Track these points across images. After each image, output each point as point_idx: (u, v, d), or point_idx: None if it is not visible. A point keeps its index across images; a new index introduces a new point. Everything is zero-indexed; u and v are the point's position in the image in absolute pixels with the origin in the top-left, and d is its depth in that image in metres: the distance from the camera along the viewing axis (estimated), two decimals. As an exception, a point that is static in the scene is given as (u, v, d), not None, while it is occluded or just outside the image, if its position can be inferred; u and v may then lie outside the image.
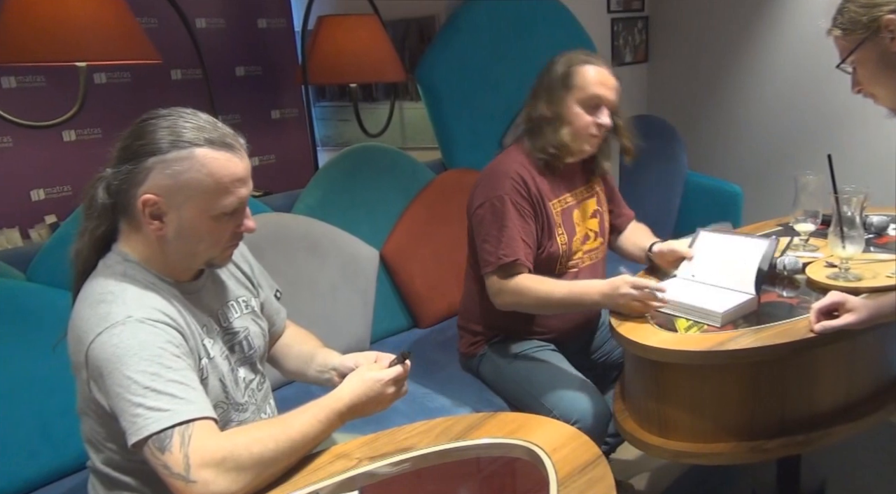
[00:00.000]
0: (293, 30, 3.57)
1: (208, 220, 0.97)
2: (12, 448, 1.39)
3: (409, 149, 2.65)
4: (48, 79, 2.72)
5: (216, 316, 1.09)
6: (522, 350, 1.65)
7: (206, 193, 0.95)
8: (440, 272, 2.20)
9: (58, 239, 1.60)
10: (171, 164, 0.94)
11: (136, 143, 0.95)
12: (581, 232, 1.67)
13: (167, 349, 0.91)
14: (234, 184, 0.97)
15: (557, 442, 0.98)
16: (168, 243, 0.98)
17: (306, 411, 0.98)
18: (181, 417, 0.87)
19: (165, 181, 0.94)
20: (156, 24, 2.88)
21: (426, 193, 2.29)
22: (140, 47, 1.65)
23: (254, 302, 1.19)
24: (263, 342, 1.18)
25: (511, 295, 1.52)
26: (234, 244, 1.05)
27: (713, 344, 1.23)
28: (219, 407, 1.03)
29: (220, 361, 1.05)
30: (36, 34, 1.49)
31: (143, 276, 0.99)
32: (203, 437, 0.88)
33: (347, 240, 2.02)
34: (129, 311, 0.92)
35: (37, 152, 2.78)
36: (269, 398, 1.20)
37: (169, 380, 0.89)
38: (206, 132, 0.96)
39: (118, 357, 0.88)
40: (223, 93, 2.87)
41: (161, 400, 0.87)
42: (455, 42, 2.49)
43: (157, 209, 0.95)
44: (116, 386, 0.88)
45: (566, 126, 1.56)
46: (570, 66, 1.55)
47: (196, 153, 0.94)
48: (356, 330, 1.99)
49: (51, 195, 2.84)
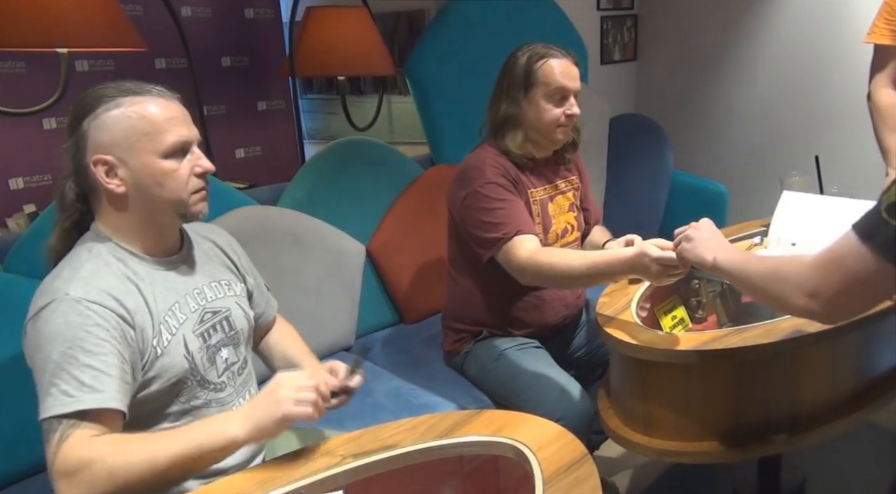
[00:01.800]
0: (281, 20, 3.53)
1: (158, 161, 0.99)
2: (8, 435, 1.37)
3: (396, 144, 2.63)
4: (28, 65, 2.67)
5: (193, 294, 1.09)
6: (506, 347, 1.65)
7: (145, 135, 0.98)
8: (427, 267, 2.19)
9: (36, 228, 1.57)
10: (103, 120, 0.98)
11: (71, 117, 1.00)
12: (559, 224, 1.67)
13: (92, 332, 0.93)
14: (168, 121, 0.99)
15: (543, 441, 0.97)
16: (131, 200, 1.00)
17: (188, 431, 0.94)
18: (79, 406, 0.89)
19: (104, 136, 0.98)
20: (141, 11, 2.84)
21: (414, 188, 2.28)
22: (124, 34, 1.62)
23: (238, 287, 1.19)
24: (247, 325, 1.18)
25: (531, 273, 1.46)
26: (201, 189, 1.04)
27: (698, 344, 1.24)
28: (182, 383, 1.04)
29: (191, 338, 1.06)
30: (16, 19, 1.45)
31: (110, 252, 1.01)
32: (77, 441, 0.89)
33: (333, 234, 2.00)
34: (68, 289, 0.94)
35: (16, 140, 2.73)
36: (251, 383, 1.20)
37: (83, 365, 0.91)
38: (132, 86, 1.00)
39: (45, 335, 0.92)
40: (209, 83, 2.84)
41: (71, 384, 0.90)
42: (445, 37, 2.48)
43: (109, 166, 0.98)
44: (38, 362, 0.92)
45: (523, 127, 1.57)
46: (532, 63, 1.55)
47: (122, 101, 0.98)
48: (341, 325, 1.98)
49: (30, 184, 2.79)
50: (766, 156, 3.08)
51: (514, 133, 1.58)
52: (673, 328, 1.42)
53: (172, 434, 0.94)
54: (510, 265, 1.50)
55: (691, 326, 1.45)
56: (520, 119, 1.57)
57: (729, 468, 1.87)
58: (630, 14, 3.31)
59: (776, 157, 3.03)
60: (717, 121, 3.20)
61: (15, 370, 1.40)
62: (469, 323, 1.70)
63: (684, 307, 1.53)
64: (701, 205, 2.78)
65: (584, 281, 1.50)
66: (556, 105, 1.55)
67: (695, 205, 2.80)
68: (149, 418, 1.03)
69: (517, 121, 1.57)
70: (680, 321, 1.42)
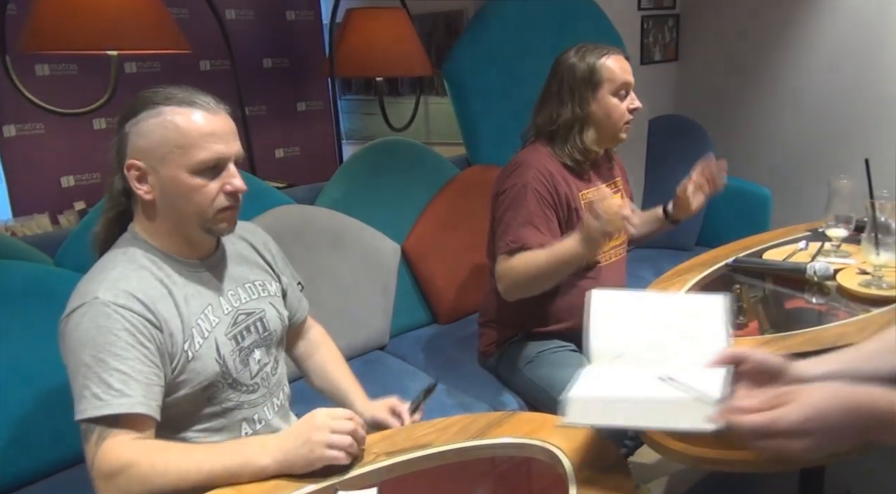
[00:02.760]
0: (321, 22, 3.58)
1: (187, 176, 0.99)
2: (38, 430, 1.42)
3: (433, 144, 2.64)
4: (80, 67, 2.76)
5: (227, 296, 1.10)
6: (541, 350, 1.64)
7: (178, 148, 0.97)
8: (461, 268, 2.19)
9: (85, 225, 1.62)
10: (142, 126, 0.98)
11: (120, 116, 1.01)
12: None
13: (121, 336, 0.94)
14: (204, 137, 0.98)
15: (577, 444, 0.96)
16: (159, 208, 1.02)
17: (222, 452, 0.94)
18: (107, 410, 0.91)
19: (141, 142, 0.99)
20: (186, 14, 2.91)
21: (449, 189, 2.28)
22: (171, 37, 1.67)
23: (273, 286, 1.20)
24: (281, 326, 1.19)
25: (505, 278, 1.51)
26: (230, 208, 1.03)
27: (739, 350, 1.21)
28: (213, 386, 1.05)
29: (223, 341, 1.06)
30: (69, 22, 1.51)
31: (144, 254, 1.02)
32: (115, 443, 0.92)
33: (369, 233, 2.02)
34: (98, 292, 0.96)
35: (68, 139, 2.82)
36: (284, 384, 1.21)
37: (111, 369, 0.93)
38: (177, 95, 1.00)
39: (77, 339, 0.94)
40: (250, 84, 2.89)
41: (100, 387, 0.92)
42: (483, 37, 2.47)
43: (141, 173, 0.99)
44: (72, 364, 0.95)
45: (591, 126, 1.57)
46: (594, 61, 1.55)
47: (163, 110, 0.98)
48: (376, 323, 2.00)
49: (80, 182, 2.88)
50: (811, 158, 2.99)
51: (585, 133, 1.58)
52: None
53: (206, 451, 0.96)
54: (496, 273, 1.53)
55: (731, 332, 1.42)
56: (590, 118, 1.57)
57: (769, 478, 1.82)
58: (672, 14, 3.25)
59: (822, 160, 2.94)
60: (761, 123, 3.12)
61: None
62: (505, 324, 1.70)
63: (724, 312, 1.49)
64: (743, 208, 2.72)
65: (551, 272, 1.46)
66: (622, 100, 1.57)
67: (737, 208, 2.73)
68: (181, 420, 1.05)
69: (587, 121, 1.57)
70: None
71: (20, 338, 1.42)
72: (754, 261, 1.66)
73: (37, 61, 2.67)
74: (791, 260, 1.61)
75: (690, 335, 0.92)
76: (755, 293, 1.56)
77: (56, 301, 1.49)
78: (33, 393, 1.41)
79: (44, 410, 1.43)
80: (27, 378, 1.41)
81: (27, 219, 2.59)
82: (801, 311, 1.38)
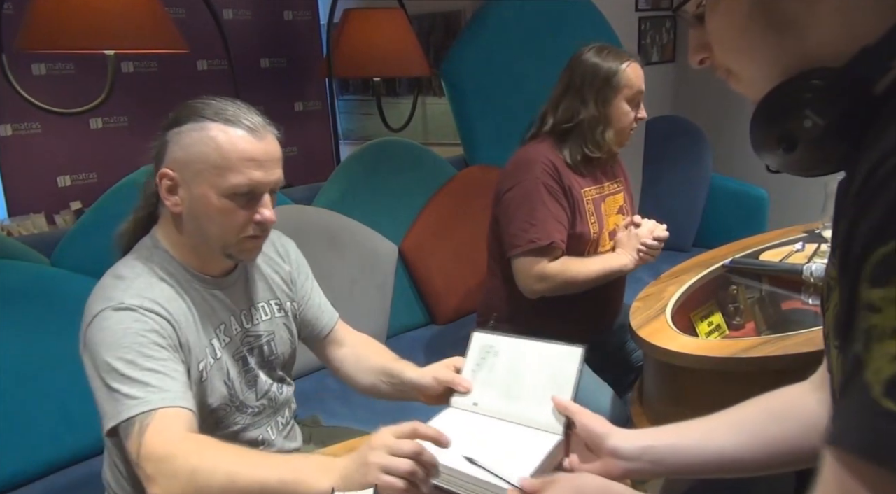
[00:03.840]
0: (319, 22, 3.57)
1: (217, 199, 0.94)
2: (34, 430, 1.41)
3: (431, 145, 2.64)
4: (77, 66, 2.76)
5: (239, 317, 1.07)
6: None
7: (214, 168, 0.93)
8: (459, 268, 2.19)
9: (82, 225, 1.62)
10: (184, 137, 0.94)
11: (166, 121, 0.97)
12: (610, 224, 1.66)
13: (150, 337, 0.91)
14: (243, 162, 0.93)
15: (574, 445, 0.96)
16: (184, 222, 0.98)
17: (279, 463, 0.84)
18: (146, 406, 0.87)
19: (179, 153, 0.95)
20: (184, 14, 2.90)
21: (447, 189, 2.28)
22: (168, 37, 1.66)
23: (289, 305, 1.15)
24: (290, 348, 1.15)
25: (551, 280, 1.53)
26: (255, 237, 1.00)
27: (736, 351, 1.21)
28: (221, 409, 1.03)
29: (230, 363, 1.04)
30: (66, 22, 1.50)
31: (165, 266, 0.99)
32: (158, 428, 0.85)
33: (367, 234, 2.02)
34: (124, 298, 0.92)
35: (64, 139, 2.82)
36: (291, 402, 1.17)
37: (145, 369, 0.89)
38: (228, 113, 0.95)
39: (104, 341, 0.90)
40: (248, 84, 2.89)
41: (135, 388, 0.87)
42: (481, 38, 2.47)
43: (173, 184, 0.95)
44: (100, 370, 0.89)
45: (611, 127, 1.58)
46: (616, 68, 1.56)
47: (208, 126, 0.93)
48: (373, 324, 1.99)
49: (77, 181, 2.87)
50: (809, 159, 2.99)
51: (596, 134, 1.58)
52: (709, 334, 1.39)
53: (262, 459, 0.86)
54: (529, 272, 1.52)
55: (728, 333, 1.43)
56: (603, 121, 1.57)
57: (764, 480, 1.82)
58: (669, 15, 3.26)
59: (820, 161, 2.94)
60: (758, 124, 3.12)
61: (63, 363, 1.45)
62: (507, 321, 1.69)
63: (721, 313, 1.50)
64: (740, 209, 2.73)
65: (596, 282, 1.56)
66: (633, 109, 1.58)
67: (734, 209, 2.74)
68: None
69: (601, 123, 1.57)
70: (716, 327, 1.39)
71: (16, 338, 1.42)
72: (751, 263, 1.66)
73: (33, 60, 2.66)
74: (788, 262, 1.62)
75: (541, 385, 0.94)
76: (752, 294, 1.56)
77: (52, 301, 1.50)
78: (29, 393, 1.41)
79: (40, 410, 1.42)
80: (23, 378, 1.41)
81: (23, 218, 2.58)
82: (798, 312, 1.39)
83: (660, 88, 3.32)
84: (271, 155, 0.97)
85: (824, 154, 0.55)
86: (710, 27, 0.61)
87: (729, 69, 0.63)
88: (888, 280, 0.42)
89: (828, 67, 0.53)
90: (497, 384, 0.98)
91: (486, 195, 1.65)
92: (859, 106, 0.52)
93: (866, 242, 0.43)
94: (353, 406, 1.69)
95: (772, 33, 0.55)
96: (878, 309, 0.42)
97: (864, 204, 0.45)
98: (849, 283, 0.46)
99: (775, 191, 2.76)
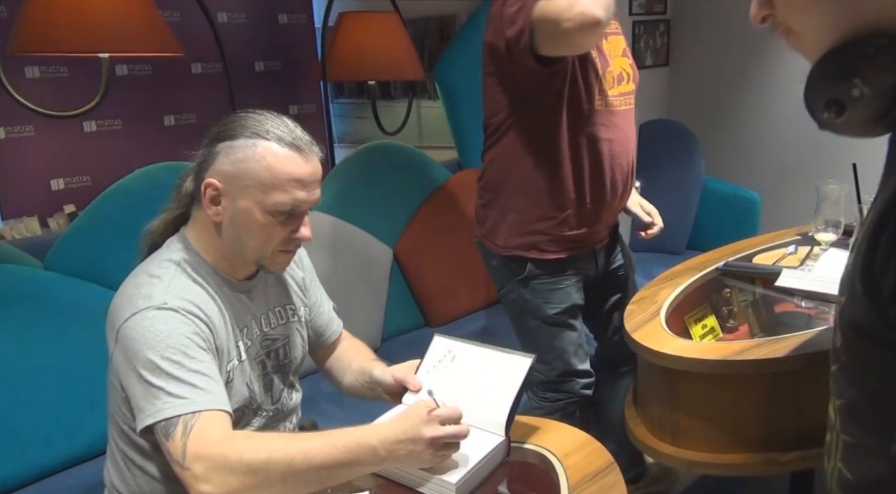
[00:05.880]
0: (314, 26, 3.58)
1: (261, 215, 0.97)
2: (27, 435, 1.41)
3: (425, 148, 2.65)
4: (71, 69, 2.75)
5: (259, 320, 1.09)
6: (548, 314, 1.55)
7: (261, 185, 0.95)
8: (453, 270, 2.20)
9: (75, 228, 1.61)
10: (235, 151, 0.96)
11: (216, 130, 0.99)
12: (615, 68, 1.49)
13: (194, 340, 0.92)
14: (290, 182, 0.96)
15: (569, 448, 0.97)
16: (223, 231, 1.00)
17: (325, 435, 0.90)
18: (192, 407, 0.88)
19: (228, 167, 0.96)
20: (178, 17, 2.90)
21: (441, 192, 2.29)
22: (163, 40, 1.66)
23: (302, 311, 1.18)
24: (302, 353, 1.17)
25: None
26: (289, 251, 1.03)
27: (729, 353, 1.22)
28: (240, 411, 1.03)
29: (253, 365, 1.06)
30: (61, 25, 1.50)
31: (197, 267, 1.01)
32: (205, 430, 0.87)
33: (361, 237, 2.02)
34: (166, 298, 0.93)
35: (58, 142, 2.81)
36: (298, 410, 1.19)
37: (190, 370, 0.90)
38: (279, 130, 0.97)
39: (147, 340, 0.90)
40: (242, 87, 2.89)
41: (181, 388, 0.88)
42: (475, 41, 2.47)
43: (217, 194, 0.97)
44: (141, 367, 0.89)
45: None
46: None
47: (260, 144, 0.96)
48: (368, 327, 2.00)
49: (70, 185, 2.86)
50: (800, 163, 3.01)
51: None
52: (703, 337, 1.40)
53: (310, 441, 0.89)
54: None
55: (722, 336, 1.43)
56: None
57: (759, 481, 1.83)
58: (663, 19, 3.28)
59: (811, 164, 2.96)
60: (751, 127, 3.14)
61: (56, 366, 1.45)
62: (518, 232, 1.51)
63: (715, 316, 1.50)
64: (733, 212, 2.74)
65: None
66: None
67: (727, 212, 2.75)
68: None
69: None
70: (710, 330, 1.40)
71: (9, 342, 1.41)
72: (744, 266, 1.67)
73: (27, 63, 2.65)
74: (780, 265, 1.62)
75: (489, 388, 1.01)
76: (745, 297, 1.57)
77: (45, 304, 1.50)
78: (22, 398, 1.40)
79: (32, 415, 1.42)
80: (15, 382, 1.40)
81: (16, 222, 2.57)
82: (791, 315, 1.40)
83: (653, 92, 3.34)
84: (315, 176, 1.00)
85: (872, 121, 0.55)
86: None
87: (790, 28, 0.61)
88: None
89: (883, 35, 0.51)
90: (448, 385, 1.04)
91: (480, 198, 1.65)
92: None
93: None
94: (348, 408, 1.69)
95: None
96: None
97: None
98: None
99: (767, 194, 2.78)
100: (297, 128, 1.00)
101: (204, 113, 3.11)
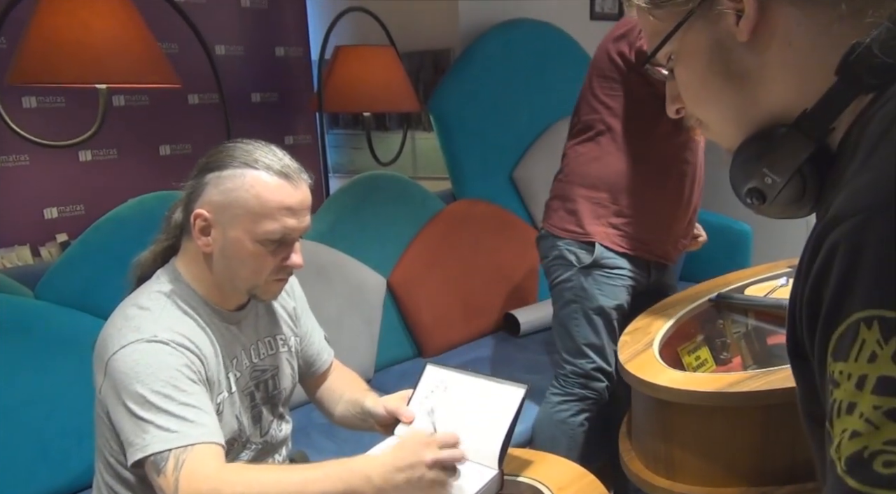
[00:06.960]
0: (310, 58, 3.63)
1: (251, 244, 0.97)
2: (11, 467, 1.38)
3: (420, 179, 2.67)
4: (68, 99, 2.77)
5: (249, 351, 1.08)
6: (605, 304, 1.63)
7: (250, 214, 0.96)
8: (447, 301, 2.19)
9: (67, 258, 1.60)
10: (224, 181, 0.96)
11: (204, 161, 0.99)
12: None
13: (184, 372, 0.92)
14: (280, 210, 0.97)
15: (564, 481, 0.96)
16: (213, 262, 0.99)
17: (319, 467, 0.90)
18: (183, 441, 0.87)
19: (217, 197, 0.96)
20: (177, 49, 2.94)
21: (435, 222, 2.30)
22: (161, 71, 1.68)
23: (292, 340, 1.17)
24: (291, 384, 1.16)
25: None
26: (281, 280, 1.03)
27: (723, 385, 1.21)
28: (228, 444, 1.02)
29: (241, 397, 1.05)
30: (60, 56, 1.52)
31: (187, 299, 1.00)
32: (197, 464, 0.86)
33: (355, 266, 2.02)
34: (156, 331, 0.93)
35: (52, 171, 2.81)
36: (288, 442, 1.18)
37: (181, 403, 0.89)
38: (267, 159, 0.98)
39: (136, 373, 0.89)
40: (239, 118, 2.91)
41: (171, 421, 0.87)
42: (468, 75, 2.53)
43: (207, 225, 0.97)
44: (130, 400, 0.88)
45: None
46: None
47: (248, 173, 0.96)
48: (360, 357, 1.98)
49: (63, 214, 2.86)
50: (791, 195, 3.04)
51: None
52: (696, 369, 1.39)
53: (304, 473, 0.88)
54: None
55: (715, 368, 1.43)
56: None
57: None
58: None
59: (801, 197, 2.99)
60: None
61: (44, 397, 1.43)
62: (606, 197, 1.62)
63: (708, 348, 1.50)
64: (724, 244, 2.76)
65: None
66: None
67: (717, 244, 2.76)
68: None
69: None
70: (704, 362, 1.40)
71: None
72: (737, 297, 1.68)
73: (24, 93, 2.67)
74: (772, 297, 1.63)
75: (482, 419, 1.00)
76: (738, 328, 1.57)
77: (36, 334, 1.48)
78: (8, 428, 1.38)
79: (18, 446, 1.39)
80: (2, 412, 1.38)
81: (8, 250, 2.56)
82: (782, 347, 1.39)
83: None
84: (305, 203, 1.01)
85: (795, 203, 0.57)
86: (676, 78, 0.62)
87: (699, 119, 0.64)
88: (846, 354, 0.42)
89: (784, 124, 0.54)
90: (440, 416, 1.03)
91: (473, 228, 1.67)
92: (814, 163, 0.53)
93: (828, 315, 0.44)
94: (340, 441, 1.66)
95: (729, 85, 0.57)
96: (838, 383, 0.42)
97: (820, 274, 0.45)
98: (819, 353, 0.46)
99: (759, 226, 2.80)
100: (285, 157, 1.00)
101: (200, 143, 3.13)
